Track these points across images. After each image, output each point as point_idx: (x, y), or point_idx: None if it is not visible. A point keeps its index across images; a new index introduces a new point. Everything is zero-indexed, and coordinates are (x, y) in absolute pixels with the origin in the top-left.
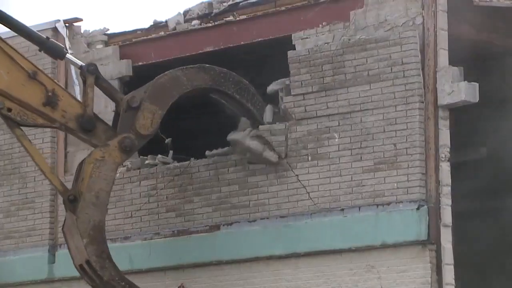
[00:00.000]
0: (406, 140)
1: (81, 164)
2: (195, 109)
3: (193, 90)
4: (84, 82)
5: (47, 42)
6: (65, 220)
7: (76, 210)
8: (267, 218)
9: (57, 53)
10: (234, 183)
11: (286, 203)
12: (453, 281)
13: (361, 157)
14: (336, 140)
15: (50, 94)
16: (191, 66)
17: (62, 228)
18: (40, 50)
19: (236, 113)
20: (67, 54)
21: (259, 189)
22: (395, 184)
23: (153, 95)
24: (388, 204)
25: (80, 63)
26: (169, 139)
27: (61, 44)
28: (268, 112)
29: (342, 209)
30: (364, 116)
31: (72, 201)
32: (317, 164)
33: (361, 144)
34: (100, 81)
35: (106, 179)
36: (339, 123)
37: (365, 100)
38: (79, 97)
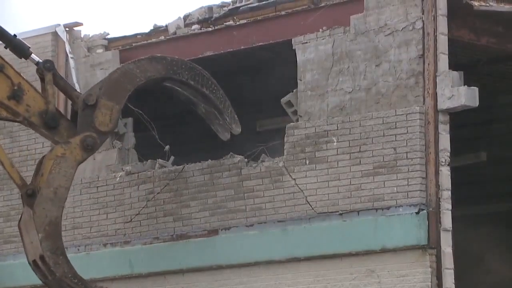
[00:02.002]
0: (407, 144)
1: (41, 160)
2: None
3: (147, 81)
4: (42, 79)
5: (14, 40)
6: (21, 215)
7: (33, 205)
8: (265, 222)
9: (22, 52)
10: (229, 187)
11: (283, 208)
12: (453, 286)
13: (360, 161)
14: (335, 143)
15: (15, 88)
16: (142, 58)
17: (19, 223)
18: (5, 47)
19: (192, 99)
20: (32, 54)
21: (255, 193)
22: (395, 188)
23: (108, 91)
24: (388, 208)
25: (37, 59)
26: (167, 146)
27: (27, 44)
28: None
29: (341, 214)
30: (363, 120)
31: (30, 195)
32: (315, 168)
33: (360, 148)
34: (57, 79)
35: (66, 175)
36: (337, 127)
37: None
38: None
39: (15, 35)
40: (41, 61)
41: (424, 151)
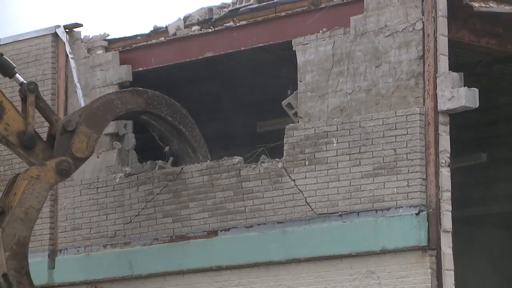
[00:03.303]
0: (407, 145)
1: (13, 179)
2: (211, 113)
3: (127, 113)
4: (23, 99)
5: (0, 58)
6: None
7: (2, 223)
8: (264, 223)
9: (7, 71)
10: (229, 188)
11: (283, 209)
12: (453, 287)
13: (360, 162)
14: (334, 144)
15: None
16: (124, 89)
17: None
18: None
19: (166, 134)
20: (16, 74)
21: (254, 194)
22: (395, 190)
23: (88, 118)
24: (388, 209)
25: (21, 80)
26: (167, 147)
27: (12, 63)
28: None
29: (341, 215)
30: (363, 120)
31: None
32: (314, 168)
33: (360, 149)
34: (38, 101)
35: (38, 197)
36: (337, 128)
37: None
38: (82, 101)
39: (1, 54)
40: (25, 82)
41: (424, 152)
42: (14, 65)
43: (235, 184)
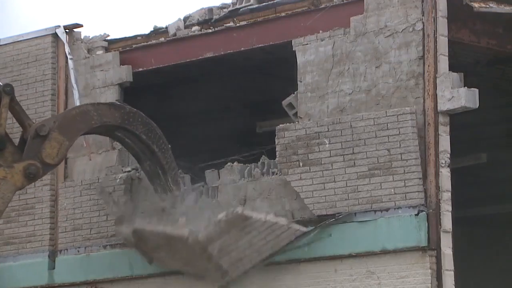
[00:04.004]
0: (400, 145)
1: None
2: (209, 114)
3: (102, 125)
4: None
5: None
6: None
7: None
8: None
9: None
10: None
11: None
12: (453, 287)
13: (354, 163)
14: (327, 145)
15: None
16: (103, 102)
17: None
18: None
19: (139, 153)
20: None
21: None
22: (392, 190)
23: (62, 126)
24: (387, 210)
25: None
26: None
27: None
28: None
29: (340, 216)
30: (354, 121)
31: None
32: (309, 170)
33: (353, 149)
34: (13, 104)
35: (3, 198)
36: (328, 129)
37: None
38: (77, 102)
39: None
40: (1, 84)
41: (424, 151)
42: None
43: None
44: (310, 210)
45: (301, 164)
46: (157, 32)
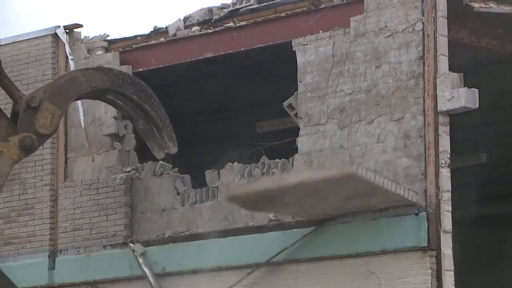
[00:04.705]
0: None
1: None
2: (209, 114)
3: (91, 91)
4: None
5: None
6: None
7: None
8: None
9: None
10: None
11: None
12: (453, 287)
13: None
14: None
15: None
16: (90, 67)
17: None
18: None
19: (132, 114)
20: None
21: None
22: None
23: (52, 95)
24: (387, 209)
25: None
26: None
27: None
28: None
29: (340, 215)
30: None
31: None
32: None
33: None
34: (1, 77)
35: (1, 172)
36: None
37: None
38: (77, 102)
39: None
40: None
41: (424, 152)
42: None
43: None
44: None
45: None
46: (157, 32)
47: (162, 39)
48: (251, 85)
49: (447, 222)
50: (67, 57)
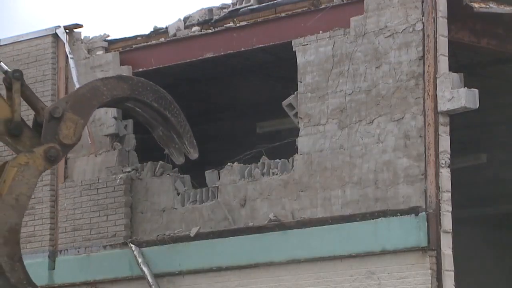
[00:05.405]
0: None
1: (1, 167)
2: (211, 113)
3: (112, 99)
4: (7, 88)
5: None
6: None
7: None
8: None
9: None
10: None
11: None
12: (453, 287)
13: None
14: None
15: None
16: (110, 76)
17: None
18: None
19: (151, 121)
20: (1, 62)
21: None
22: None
23: (74, 105)
24: (387, 210)
25: (6, 68)
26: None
27: None
28: None
29: (341, 216)
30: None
31: None
32: None
33: None
34: (23, 89)
35: (28, 184)
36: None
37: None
38: None
39: None
40: (9, 70)
41: (424, 153)
42: None
43: None
44: (310, 211)
45: None
46: (157, 32)
47: (162, 39)
48: (251, 85)
49: (447, 222)
50: (67, 57)
